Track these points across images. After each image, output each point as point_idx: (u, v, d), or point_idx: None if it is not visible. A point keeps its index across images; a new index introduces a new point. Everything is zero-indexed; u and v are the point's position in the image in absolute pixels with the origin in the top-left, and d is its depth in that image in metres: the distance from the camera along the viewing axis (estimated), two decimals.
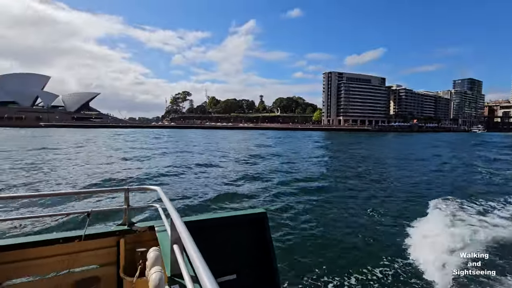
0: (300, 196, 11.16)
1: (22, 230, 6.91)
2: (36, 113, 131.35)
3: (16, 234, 6.65)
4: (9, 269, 2.38)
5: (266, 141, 48.89)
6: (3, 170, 15.26)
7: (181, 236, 1.43)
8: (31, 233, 6.80)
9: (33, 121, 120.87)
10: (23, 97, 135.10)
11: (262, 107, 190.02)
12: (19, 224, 7.13)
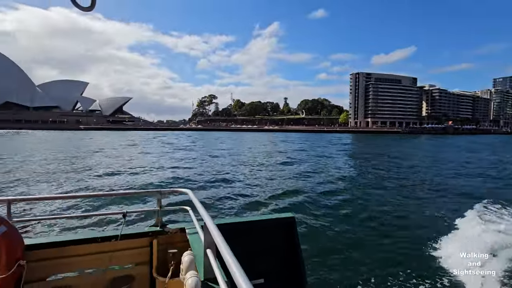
0: (328, 199, 10.91)
1: (64, 229, 7.27)
2: (76, 117, 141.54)
3: (59, 232, 7.05)
4: (53, 265, 2.53)
5: (291, 143, 48.14)
6: (52, 171, 16.65)
7: (215, 241, 1.42)
8: (73, 231, 7.14)
9: (73, 124, 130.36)
10: (65, 102, 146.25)
11: (286, 110, 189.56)
12: (61, 223, 7.51)
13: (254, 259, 2.24)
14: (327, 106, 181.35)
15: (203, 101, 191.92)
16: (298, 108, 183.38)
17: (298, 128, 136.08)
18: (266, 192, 11.89)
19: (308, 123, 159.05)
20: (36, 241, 2.52)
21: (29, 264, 2.30)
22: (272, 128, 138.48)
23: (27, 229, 6.70)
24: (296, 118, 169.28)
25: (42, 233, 6.78)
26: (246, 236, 2.72)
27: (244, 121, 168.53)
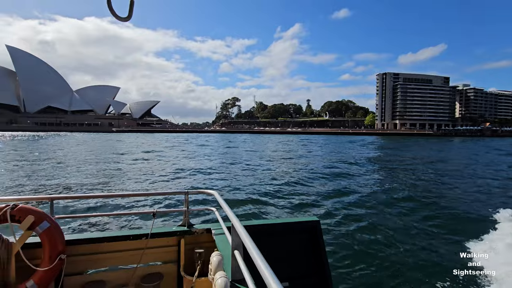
0: (355, 204, 10.51)
1: (99, 226, 7.61)
2: (109, 120, 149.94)
3: (95, 229, 7.41)
4: (89, 260, 2.70)
5: (315, 146, 47.31)
6: (91, 170, 17.85)
7: (244, 242, 1.42)
8: (107, 228, 7.47)
9: (106, 126, 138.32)
10: (99, 106, 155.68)
11: (309, 112, 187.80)
12: (97, 220, 7.87)
13: (278, 262, 2.16)
14: (352, 107, 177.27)
15: (227, 104, 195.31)
16: (322, 110, 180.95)
17: (322, 130, 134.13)
18: (290, 195, 11.73)
19: (332, 125, 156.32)
20: (75, 237, 2.68)
21: (69, 258, 2.46)
22: (295, 131, 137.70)
23: (67, 225, 7.09)
24: (319, 120, 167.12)
25: (80, 230, 7.18)
26: (270, 238, 2.69)
27: (267, 124, 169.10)
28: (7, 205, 2.31)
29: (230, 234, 2.09)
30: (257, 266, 1.12)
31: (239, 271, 1.63)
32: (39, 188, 12.77)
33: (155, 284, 2.68)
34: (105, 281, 2.67)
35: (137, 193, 8.54)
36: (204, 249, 2.64)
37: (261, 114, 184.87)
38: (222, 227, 2.61)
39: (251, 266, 1.38)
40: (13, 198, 2.55)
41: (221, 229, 2.66)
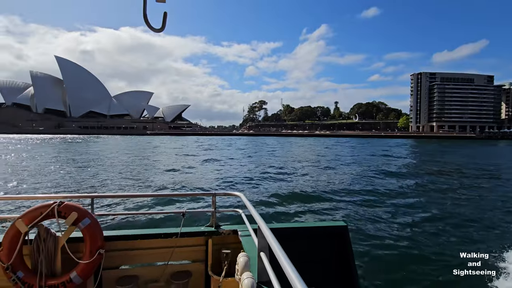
0: (387, 212, 9.87)
1: (134, 223, 7.97)
2: (143, 123, 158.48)
3: (130, 226, 7.73)
4: (124, 255, 2.87)
5: (345, 149, 45.73)
6: (129, 171, 19.01)
7: (270, 245, 1.43)
8: (141, 226, 7.69)
9: (141, 130, 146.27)
10: (134, 110, 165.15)
11: (338, 114, 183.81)
12: (132, 218, 8.25)
13: (304, 266, 2.09)
14: (383, 109, 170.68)
15: (254, 107, 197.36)
16: (351, 112, 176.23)
17: (352, 133, 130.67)
18: (317, 199, 11.42)
19: (362, 127, 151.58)
20: (112, 233, 2.86)
21: (106, 253, 2.61)
22: (323, 133, 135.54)
23: (105, 222, 7.47)
24: (349, 123, 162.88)
25: (116, 227, 7.48)
26: (295, 242, 2.66)
27: (294, 126, 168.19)
28: (55, 202, 2.52)
29: (256, 236, 2.09)
30: (284, 269, 1.13)
31: (265, 273, 1.65)
32: (82, 187, 13.93)
33: (184, 281, 2.80)
34: (139, 276, 2.84)
35: (168, 194, 8.88)
36: (231, 250, 2.71)
37: (288, 117, 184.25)
38: (248, 229, 2.68)
39: (277, 268, 1.39)
40: (59, 195, 2.81)
41: (247, 231, 2.72)
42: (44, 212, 2.45)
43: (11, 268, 2.37)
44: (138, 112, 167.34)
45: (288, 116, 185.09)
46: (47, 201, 2.57)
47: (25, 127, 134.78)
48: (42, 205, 2.51)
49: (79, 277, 2.44)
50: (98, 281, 2.65)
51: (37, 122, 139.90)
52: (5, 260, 2.37)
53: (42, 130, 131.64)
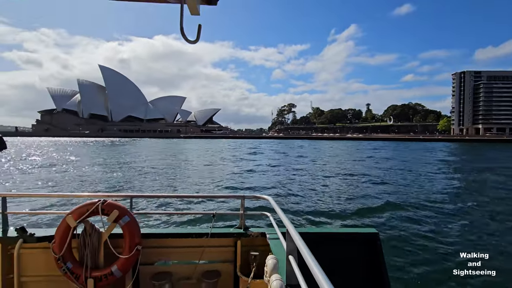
0: (423, 221, 9.24)
1: (167, 222, 8.20)
2: (177, 127, 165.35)
3: (164, 225, 7.98)
4: (159, 252, 3.02)
5: (380, 153, 43.44)
6: (167, 173, 19.73)
7: (299, 248, 1.43)
8: (173, 225, 7.96)
9: (175, 133, 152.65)
10: (169, 114, 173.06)
11: (370, 116, 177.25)
12: (166, 217, 8.55)
13: (333, 273, 2.02)
14: (420, 111, 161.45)
15: (283, 110, 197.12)
16: (384, 115, 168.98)
17: (387, 136, 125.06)
18: (347, 205, 11.16)
19: (398, 130, 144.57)
20: (148, 231, 3.04)
21: (143, 249, 2.77)
22: (356, 137, 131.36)
23: (142, 221, 7.63)
24: (382, 125, 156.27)
25: (152, 225, 7.77)
26: (324, 247, 2.62)
27: (325, 129, 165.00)
28: (99, 200, 2.74)
29: (284, 239, 2.11)
30: (313, 273, 1.13)
31: (294, 276, 1.67)
32: (123, 186, 15.10)
33: (214, 281, 2.89)
34: (172, 273, 2.98)
35: (199, 195, 9.28)
36: (259, 252, 2.75)
37: (318, 119, 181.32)
38: (276, 232, 2.72)
39: (305, 272, 1.39)
40: (102, 194, 3.01)
41: (276, 234, 2.78)
42: (90, 209, 2.66)
43: (62, 259, 2.60)
44: (172, 116, 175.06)
45: (318, 119, 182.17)
46: (92, 199, 2.79)
47: (73, 130, 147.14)
48: (88, 203, 2.72)
49: (119, 271, 2.61)
50: (136, 275, 2.83)
51: (83, 126, 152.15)
52: (57, 252, 2.61)
53: (88, 133, 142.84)
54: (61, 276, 2.64)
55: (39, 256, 2.84)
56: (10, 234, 2.88)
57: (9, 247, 2.83)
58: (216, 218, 3.11)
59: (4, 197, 3.08)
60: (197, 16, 1.15)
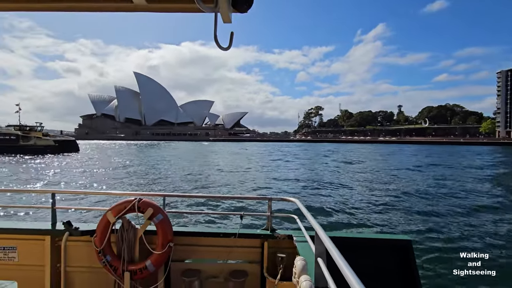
0: (462, 231, 8.64)
1: (197, 221, 8.44)
2: (206, 130, 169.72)
3: (194, 224, 8.19)
4: (189, 250, 3.13)
5: (417, 157, 41.07)
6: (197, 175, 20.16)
7: (329, 250, 1.41)
8: (202, 224, 8.16)
9: (203, 136, 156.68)
10: (198, 118, 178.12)
11: (403, 118, 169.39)
12: (196, 216, 8.80)
13: (363, 278, 1.85)
14: (459, 112, 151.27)
15: (310, 113, 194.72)
16: (419, 117, 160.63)
17: (423, 139, 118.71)
18: (378, 210, 10.79)
19: (435, 133, 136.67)
20: (179, 229, 3.15)
21: (174, 246, 2.89)
22: (388, 140, 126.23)
23: (173, 219, 8.08)
24: (418, 128, 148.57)
25: (182, 223, 7.98)
26: (354, 252, 2.47)
27: (355, 132, 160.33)
28: (135, 198, 2.91)
29: (312, 242, 2.09)
30: (345, 276, 1.12)
31: (323, 278, 1.65)
32: (156, 185, 16.00)
33: (241, 280, 2.93)
34: (201, 270, 3.07)
35: (227, 196, 9.30)
36: (286, 255, 2.77)
37: (347, 122, 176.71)
38: (304, 235, 2.70)
39: (335, 275, 1.37)
40: (138, 193, 3.18)
41: (303, 236, 2.76)
42: (128, 206, 2.82)
43: (102, 252, 2.78)
44: (200, 120, 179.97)
45: (346, 121, 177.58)
46: (129, 197, 2.96)
47: (110, 134, 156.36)
48: (126, 200, 2.89)
49: (153, 266, 2.75)
50: (167, 271, 2.94)
51: (119, 130, 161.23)
52: (98, 245, 2.79)
53: (124, 136, 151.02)
54: (101, 268, 2.81)
55: (82, 248, 3.06)
56: (58, 227, 3.12)
57: (57, 239, 3.07)
58: (243, 219, 3.17)
59: (53, 193, 3.35)
60: (229, 24, 1.18)
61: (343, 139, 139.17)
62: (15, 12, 1.03)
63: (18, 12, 1.04)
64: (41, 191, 9.63)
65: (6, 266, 3.11)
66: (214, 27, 1.10)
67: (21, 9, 1.32)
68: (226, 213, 8.82)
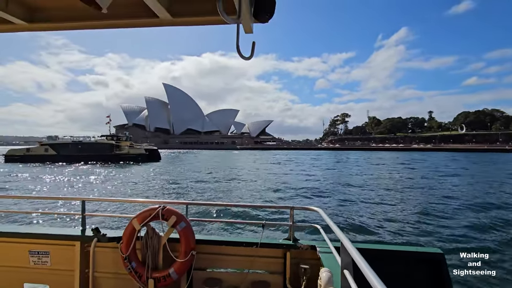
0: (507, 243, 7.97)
1: (218, 230, 8.28)
2: (232, 139, 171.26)
3: (216, 232, 8.01)
4: (211, 259, 3.07)
5: (456, 166, 38.41)
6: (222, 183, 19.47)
7: (357, 262, 1.37)
8: (223, 233, 8.02)
9: (230, 144, 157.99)
10: (224, 127, 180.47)
11: (436, 125, 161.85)
12: (218, 225, 8.64)
13: None
14: (500, 118, 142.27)
15: (336, 120, 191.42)
16: (454, 122, 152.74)
17: (462, 147, 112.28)
18: (406, 221, 10.24)
19: (475, 140, 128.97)
20: (201, 237, 3.07)
21: (197, 255, 2.85)
22: (423, 147, 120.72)
23: (195, 227, 7.74)
24: (454, 135, 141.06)
25: (203, 232, 7.92)
26: (382, 265, 2.31)
27: (386, 140, 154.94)
28: (159, 206, 2.89)
29: (337, 253, 2.05)
30: (373, 287, 1.09)
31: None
32: (179, 193, 16.26)
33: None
34: (222, 280, 2.98)
35: (249, 205, 9.11)
36: (310, 266, 2.66)
37: (375, 129, 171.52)
38: (328, 246, 2.61)
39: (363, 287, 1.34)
40: (162, 201, 3.11)
41: (328, 247, 2.67)
42: (152, 214, 2.83)
43: (128, 258, 2.79)
44: (226, 128, 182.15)
45: (375, 128, 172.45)
46: (153, 205, 2.94)
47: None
48: (150, 208, 2.90)
49: (176, 274, 2.74)
50: (190, 279, 2.91)
51: (150, 139, 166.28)
52: (124, 251, 2.81)
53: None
54: (127, 274, 2.82)
55: (109, 254, 3.10)
56: (87, 233, 3.16)
57: (86, 245, 3.12)
58: (265, 228, 3.13)
59: (83, 200, 3.39)
60: (251, 34, 1.20)
61: (373, 146, 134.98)
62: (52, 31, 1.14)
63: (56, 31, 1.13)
64: (72, 198, 9.91)
65: (40, 270, 3.19)
66: (236, 38, 1.12)
67: (59, 28, 1.42)
68: (247, 222, 8.58)
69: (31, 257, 3.20)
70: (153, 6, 1.23)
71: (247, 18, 1.11)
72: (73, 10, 1.41)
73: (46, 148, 47.40)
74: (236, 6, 1.07)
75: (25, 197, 12.80)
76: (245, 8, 1.08)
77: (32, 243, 3.22)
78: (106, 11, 0.95)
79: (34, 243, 3.22)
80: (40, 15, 1.46)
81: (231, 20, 1.07)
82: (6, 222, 9.43)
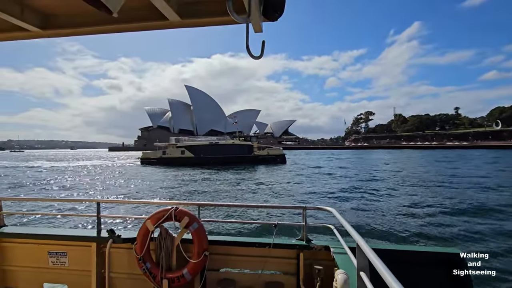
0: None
1: (231, 230, 8.23)
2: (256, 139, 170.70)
3: (228, 233, 7.98)
4: (224, 259, 3.07)
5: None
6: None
7: (373, 264, 1.35)
8: (236, 233, 8.01)
9: None
10: (246, 127, 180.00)
11: (467, 121, 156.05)
12: (230, 226, 8.54)
13: None
14: None
15: (359, 119, 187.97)
16: (488, 119, 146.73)
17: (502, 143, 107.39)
18: (422, 220, 9.93)
19: None
20: (214, 238, 3.09)
21: (210, 255, 2.86)
22: (458, 145, 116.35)
23: (208, 228, 7.57)
24: (490, 131, 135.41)
25: (216, 232, 7.87)
26: (398, 266, 2.24)
27: (417, 137, 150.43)
28: (172, 207, 2.90)
29: (352, 253, 2.03)
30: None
31: None
32: (191, 194, 16.58)
33: None
34: (236, 280, 2.97)
35: (261, 205, 8.16)
36: (323, 267, 2.63)
37: (402, 127, 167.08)
38: (343, 246, 2.53)
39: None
40: (174, 202, 3.12)
41: (342, 248, 2.61)
42: (165, 215, 2.85)
43: (142, 259, 2.82)
44: (248, 129, 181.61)
45: (401, 126, 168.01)
46: (166, 206, 2.94)
47: None
48: (163, 209, 2.92)
49: (190, 274, 2.76)
50: (203, 280, 2.92)
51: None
52: (138, 252, 2.84)
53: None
54: (141, 274, 2.86)
55: (124, 255, 3.14)
56: (103, 234, 3.21)
57: (101, 246, 3.19)
58: (277, 229, 3.07)
59: (98, 202, 3.38)
60: (261, 34, 1.20)
61: (403, 145, 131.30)
62: (67, 37, 1.16)
63: (70, 37, 1.17)
64: (87, 200, 9.71)
65: (59, 270, 3.26)
66: (246, 37, 1.11)
67: (73, 34, 1.45)
68: (260, 222, 8.46)
69: (50, 257, 3.25)
70: (162, 9, 1.24)
71: (257, 16, 1.11)
72: (85, 15, 1.44)
73: (182, 151, 46.29)
74: (245, 5, 1.08)
75: (43, 200, 12.91)
76: (255, 6, 1.08)
77: (51, 244, 3.26)
78: (117, 15, 0.97)
79: (52, 244, 3.26)
80: (53, 22, 1.50)
81: (241, 19, 1.07)
82: (26, 224, 9.71)
